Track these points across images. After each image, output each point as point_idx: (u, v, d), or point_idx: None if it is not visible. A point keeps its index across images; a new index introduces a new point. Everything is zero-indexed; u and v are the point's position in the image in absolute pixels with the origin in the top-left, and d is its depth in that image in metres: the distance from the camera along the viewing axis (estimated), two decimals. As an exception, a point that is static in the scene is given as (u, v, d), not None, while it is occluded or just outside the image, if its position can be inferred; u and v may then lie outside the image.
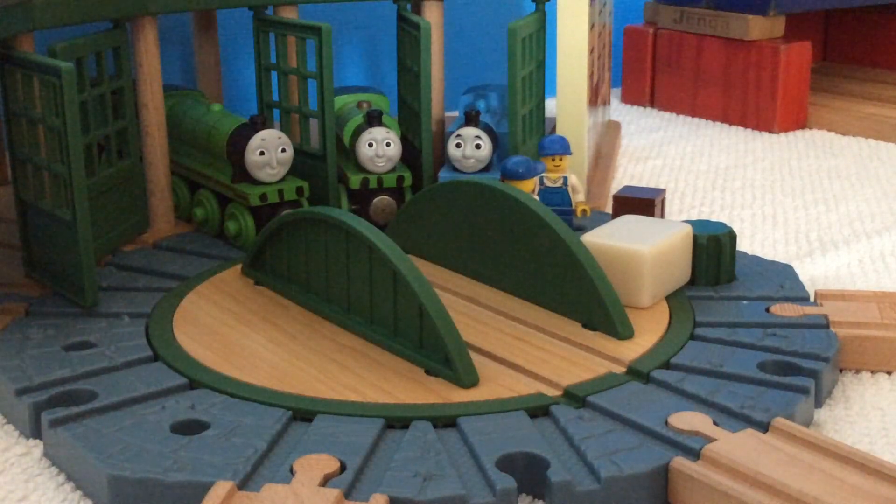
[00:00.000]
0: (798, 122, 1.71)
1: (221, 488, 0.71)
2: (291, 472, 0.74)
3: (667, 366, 0.87)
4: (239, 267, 1.08)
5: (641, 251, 0.96)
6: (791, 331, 0.92)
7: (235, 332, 0.94)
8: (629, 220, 1.04)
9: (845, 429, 0.83)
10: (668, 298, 0.99)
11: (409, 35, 1.24)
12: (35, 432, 0.82)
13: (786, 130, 1.70)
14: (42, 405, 0.82)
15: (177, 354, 0.89)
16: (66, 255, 0.98)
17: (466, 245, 1.05)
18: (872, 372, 0.92)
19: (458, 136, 1.19)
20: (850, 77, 1.90)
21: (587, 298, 0.93)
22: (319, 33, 1.14)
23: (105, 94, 1.10)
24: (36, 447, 0.82)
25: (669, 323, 0.95)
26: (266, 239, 1.03)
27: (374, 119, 1.20)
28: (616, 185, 1.41)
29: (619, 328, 0.91)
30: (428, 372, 0.86)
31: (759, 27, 1.69)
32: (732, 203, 1.36)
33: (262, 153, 1.13)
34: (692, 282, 1.02)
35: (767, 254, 1.18)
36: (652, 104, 1.87)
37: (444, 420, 0.80)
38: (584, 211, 1.15)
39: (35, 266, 1.03)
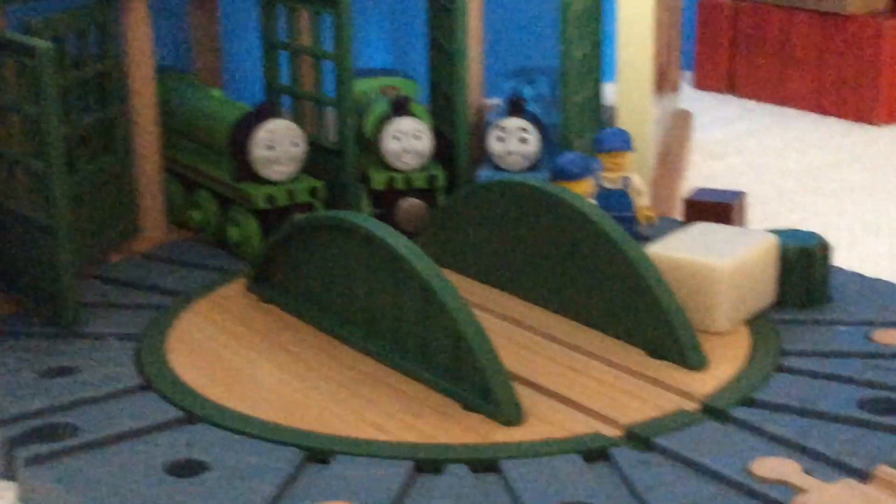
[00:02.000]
0: (905, 112, 1.70)
1: (224, 540, 0.72)
2: (305, 522, 0.75)
3: (748, 402, 0.87)
4: (243, 281, 1.09)
5: (717, 266, 0.97)
6: (896, 362, 0.92)
7: (239, 357, 0.95)
8: (703, 229, 1.04)
9: (960, 479, 0.83)
10: (750, 322, 0.99)
11: (443, 9, 1.25)
12: (8, 473, 0.84)
13: (890, 122, 1.69)
14: (16, 441, 0.84)
15: (171, 383, 0.91)
16: (43, 265, 1.00)
17: (510, 258, 1.05)
18: None
19: (501, 128, 1.20)
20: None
21: (653, 321, 0.93)
22: (337, 6, 1.15)
23: (89, 77, 1.11)
24: (9, 490, 0.83)
25: (751, 351, 0.95)
26: (274, 248, 1.04)
27: (400, 107, 1.21)
28: (687, 188, 1.41)
29: (690, 356, 0.91)
30: (465, 406, 0.86)
31: (858, -1, 1.69)
32: (826, 209, 1.36)
33: (269, 147, 1.14)
34: (778, 302, 1.03)
35: (868, 270, 1.18)
36: (730, 90, 1.86)
37: (484, 463, 0.80)
38: (648, 217, 1.15)
39: (6, 278, 1.05)
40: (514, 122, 1.20)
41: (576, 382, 0.90)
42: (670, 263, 0.98)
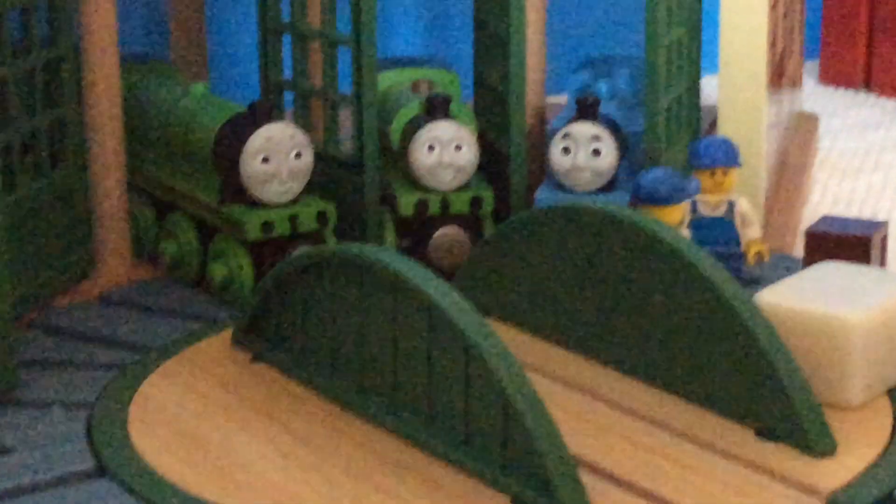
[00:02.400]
0: None
1: None
2: None
3: (889, 500, 0.86)
4: (229, 333, 1.09)
5: (850, 319, 0.96)
6: None
7: (222, 433, 0.95)
8: (830, 271, 1.03)
9: None
10: (893, 393, 0.98)
11: (493, -19, 1.25)
12: (-80, 582, 0.84)
13: None
14: (-69, 541, 0.84)
15: (133, 467, 0.90)
16: (-29, 311, 1.00)
17: (577, 306, 1.05)
18: None
19: (567, 135, 1.20)
20: None
21: (764, 391, 0.93)
22: (357, -22, 1.16)
23: (35, 68, 1.12)
24: None
25: (894, 432, 0.94)
26: (270, 291, 1.04)
27: (437, 109, 1.21)
28: (810, 216, 1.40)
29: (813, 438, 0.90)
30: (516, 501, 0.86)
31: None
32: None
33: (266, 159, 1.14)
34: (930, 368, 1.02)
35: None
36: (867, 86, 1.85)
37: (541, 578, 0.80)
38: (759, 254, 1.14)
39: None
40: (585, 129, 1.19)
41: (661, 471, 0.89)
42: (788, 316, 0.97)
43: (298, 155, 1.15)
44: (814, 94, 1.84)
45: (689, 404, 0.97)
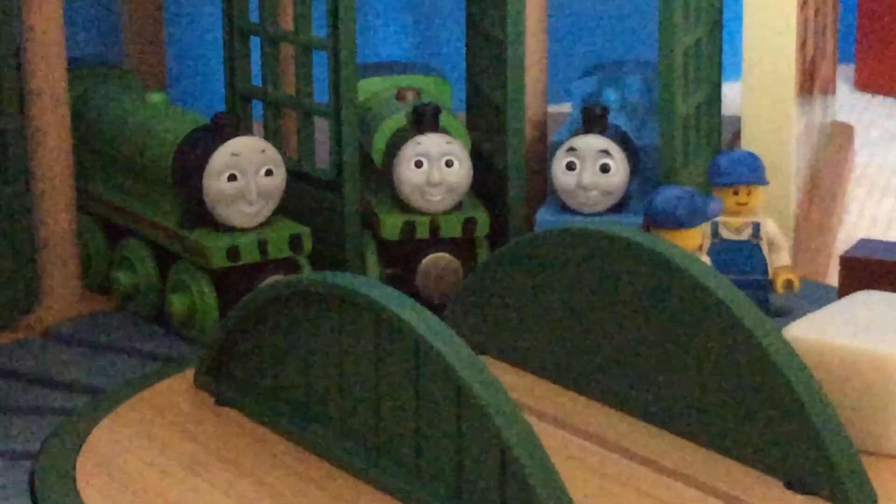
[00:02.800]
0: None
1: None
2: None
3: (936, 560, 0.86)
4: (190, 373, 1.09)
5: (891, 356, 0.95)
6: None
7: (183, 487, 0.94)
8: (869, 301, 1.03)
9: None
10: (940, 440, 0.98)
11: (488, -23, 1.25)
12: None
13: None
14: None
15: (82, 525, 0.90)
16: None
17: (582, 341, 1.05)
18: None
19: (572, 149, 1.20)
20: None
21: (795, 437, 0.92)
22: (334, -27, 1.16)
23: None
24: None
25: (942, 484, 0.94)
26: (237, 327, 1.03)
27: (425, 120, 1.21)
28: (846, 239, 1.40)
29: (851, 490, 0.90)
30: (514, 564, 0.85)
31: None
32: None
33: (232, 177, 1.14)
34: (982, 411, 1.01)
35: None
36: (909, 94, 1.86)
37: None
38: (788, 283, 1.14)
39: None
40: (592, 142, 1.19)
41: (680, 529, 0.89)
42: (822, 352, 0.97)
43: (269, 172, 1.14)
44: (849, 102, 1.85)
45: (711, 453, 0.97)
